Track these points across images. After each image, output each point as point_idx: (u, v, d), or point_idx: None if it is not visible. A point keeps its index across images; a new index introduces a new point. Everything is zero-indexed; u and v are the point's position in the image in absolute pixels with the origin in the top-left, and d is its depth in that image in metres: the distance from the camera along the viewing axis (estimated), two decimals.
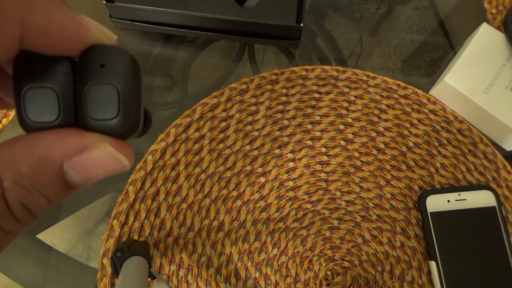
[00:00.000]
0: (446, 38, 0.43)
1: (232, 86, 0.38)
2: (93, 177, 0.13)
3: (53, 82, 0.13)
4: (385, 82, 0.39)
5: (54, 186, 0.13)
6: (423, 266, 0.34)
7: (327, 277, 0.34)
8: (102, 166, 0.13)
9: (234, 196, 0.35)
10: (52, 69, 0.13)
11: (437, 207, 0.34)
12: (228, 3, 0.37)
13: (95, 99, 0.13)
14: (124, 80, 0.13)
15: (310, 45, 0.42)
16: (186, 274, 0.33)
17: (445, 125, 0.38)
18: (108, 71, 0.13)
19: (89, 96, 0.13)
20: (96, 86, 0.13)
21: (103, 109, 0.13)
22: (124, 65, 0.13)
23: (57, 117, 0.13)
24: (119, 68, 0.13)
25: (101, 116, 0.13)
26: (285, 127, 0.37)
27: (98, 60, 0.13)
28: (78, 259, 0.35)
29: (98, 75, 0.13)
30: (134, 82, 0.13)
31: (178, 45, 0.41)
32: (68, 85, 0.13)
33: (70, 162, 0.12)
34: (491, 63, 0.37)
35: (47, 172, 0.12)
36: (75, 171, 0.13)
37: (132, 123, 0.13)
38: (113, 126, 0.13)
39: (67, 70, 0.13)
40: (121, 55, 0.13)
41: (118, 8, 0.37)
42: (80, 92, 0.13)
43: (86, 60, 0.13)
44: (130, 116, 0.13)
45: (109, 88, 0.13)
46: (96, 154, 0.13)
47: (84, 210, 0.37)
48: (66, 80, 0.13)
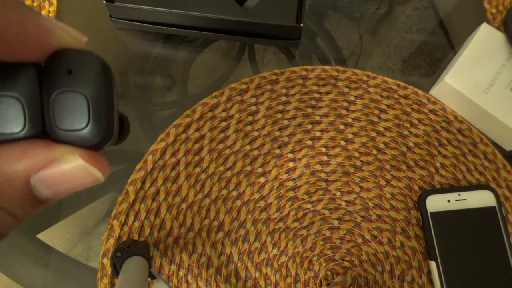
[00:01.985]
0: (446, 38, 0.43)
1: (232, 86, 0.38)
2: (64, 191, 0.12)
3: (17, 90, 0.12)
4: (385, 82, 0.39)
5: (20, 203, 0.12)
6: (423, 266, 0.34)
7: (327, 277, 0.34)
8: (72, 180, 0.12)
9: (234, 196, 0.35)
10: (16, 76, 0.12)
11: (437, 207, 0.34)
12: (228, 3, 0.37)
13: (63, 108, 0.12)
14: (93, 86, 0.12)
15: (310, 45, 0.42)
16: (186, 274, 0.33)
17: (445, 125, 0.38)
18: (76, 77, 0.12)
19: (57, 105, 0.12)
20: (63, 94, 0.12)
21: (72, 118, 0.12)
22: (93, 70, 0.12)
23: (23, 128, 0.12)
24: (88, 74, 0.12)
25: (70, 127, 0.12)
26: (285, 127, 0.37)
27: (65, 66, 0.12)
28: (78, 259, 0.35)
29: (65, 82, 0.12)
30: (105, 88, 0.12)
31: (178, 45, 0.41)
32: (34, 93, 0.12)
33: (37, 177, 0.11)
34: (491, 63, 0.37)
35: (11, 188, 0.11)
36: (43, 186, 0.12)
37: (105, 133, 0.12)
38: (83, 137, 0.12)
39: (33, 77, 0.12)
40: (90, 60, 0.12)
41: (118, 8, 0.37)
42: (47, 100, 0.12)
43: (52, 66, 0.12)
44: (102, 125, 0.12)
45: (78, 96, 0.12)
46: (66, 167, 0.12)
47: (84, 210, 0.37)
48: (31, 88, 0.12)
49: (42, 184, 0.12)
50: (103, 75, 0.12)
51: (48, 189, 0.12)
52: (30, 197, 0.12)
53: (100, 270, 0.33)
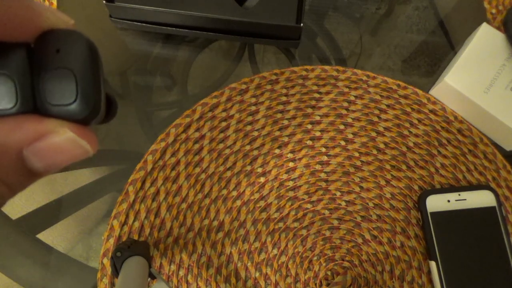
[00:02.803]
0: (446, 38, 0.43)
1: (232, 86, 0.38)
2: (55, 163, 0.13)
3: (9, 69, 0.12)
4: (385, 82, 0.39)
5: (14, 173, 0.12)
6: (423, 266, 0.34)
7: (327, 277, 0.34)
8: (63, 151, 0.13)
9: (234, 196, 0.35)
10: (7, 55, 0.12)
11: (437, 207, 0.34)
12: (228, 3, 0.37)
13: (53, 85, 0.13)
14: (80, 64, 0.13)
15: (310, 45, 0.42)
16: (186, 274, 0.33)
17: (445, 125, 0.38)
18: (64, 55, 0.13)
19: (46, 82, 0.13)
20: (52, 71, 0.13)
21: (61, 94, 0.13)
22: (80, 49, 0.13)
23: (15, 104, 0.12)
24: (75, 52, 0.13)
25: (59, 102, 0.13)
26: (285, 127, 0.37)
27: (53, 45, 0.13)
28: (78, 259, 0.35)
29: (54, 61, 0.13)
30: (91, 65, 0.13)
31: (178, 45, 0.41)
32: (24, 71, 0.13)
33: (30, 149, 0.12)
34: (491, 63, 0.37)
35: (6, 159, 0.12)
36: (35, 157, 0.12)
37: (92, 108, 0.13)
38: (72, 111, 0.13)
39: (23, 56, 0.13)
40: (77, 39, 0.13)
41: (118, 8, 0.37)
42: (37, 78, 0.13)
43: (41, 45, 0.13)
44: (89, 101, 0.13)
45: (66, 73, 0.13)
46: (56, 139, 0.13)
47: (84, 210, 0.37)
48: (22, 66, 0.13)
49: (35, 156, 0.12)
50: (90, 54, 0.13)
51: (40, 161, 0.12)
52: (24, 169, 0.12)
53: (100, 270, 0.33)
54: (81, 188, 0.37)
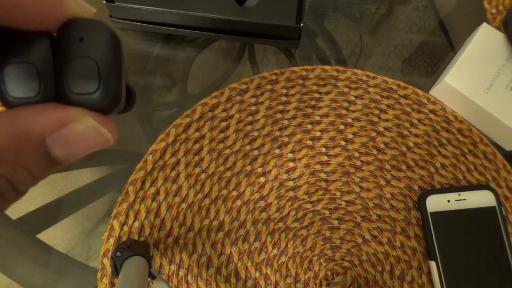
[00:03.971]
0: (446, 38, 0.43)
1: (232, 86, 0.38)
2: (77, 151, 0.13)
3: (32, 57, 0.12)
4: (385, 82, 0.39)
5: (37, 161, 0.12)
6: (423, 266, 0.34)
7: (327, 277, 0.34)
8: (85, 140, 0.13)
9: (234, 196, 0.35)
10: (31, 44, 0.13)
11: (437, 207, 0.34)
12: (228, 3, 0.37)
13: (75, 74, 0.13)
14: (103, 53, 0.13)
15: (310, 45, 0.42)
16: (186, 274, 0.33)
17: (445, 125, 0.38)
18: (87, 44, 0.13)
19: (69, 70, 0.13)
20: (75, 60, 0.13)
21: (83, 83, 0.13)
22: (104, 38, 0.13)
23: (38, 93, 0.13)
24: (98, 42, 0.13)
25: (81, 90, 0.13)
26: (285, 127, 0.37)
27: (77, 34, 0.13)
28: (78, 259, 0.35)
29: (77, 49, 0.13)
30: (114, 55, 0.13)
31: (178, 45, 0.41)
32: (47, 60, 0.13)
33: (52, 137, 0.12)
34: (491, 63, 0.37)
35: (29, 146, 0.12)
36: (57, 145, 0.12)
37: (114, 97, 0.13)
38: (94, 100, 0.13)
39: (46, 45, 0.13)
40: (100, 29, 0.13)
41: (118, 8, 0.37)
42: (60, 66, 0.13)
43: (65, 34, 0.13)
44: (111, 90, 0.13)
45: (89, 62, 0.13)
46: (78, 127, 0.13)
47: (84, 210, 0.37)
48: (45, 55, 0.13)
49: (57, 144, 0.12)
50: (113, 43, 0.13)
51: (62, 149, 0.13)
52: (46, 156, 0.13)
53: (100, 270, 0.33)
54: (81, 188, 0.37)
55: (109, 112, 0.14)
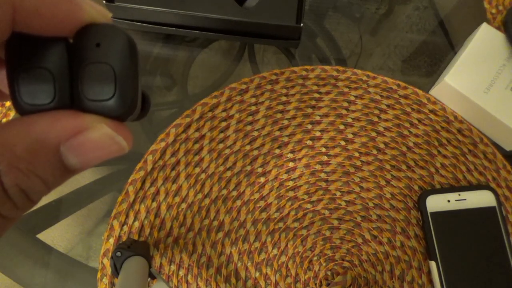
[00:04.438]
0: (446, 38, 0.43)
1: (232, 86, 0.38)
2: (91, 159, 0.13)
3: (48, 63, 0.12)
4: (385, 82, 0.39)
5: (51, 169, 0.12)
6: (423, 266, 0.34)
7: (327, 277, 0.34)
8: (99, 148, 0.13)
9: (234, 196, 0.35)
10: (47, 50, 0.12)
11: (437, 207, 0.34)
12: (228, 3, 0.37)
13: (91, 79, 0.12)
14: (120, 59, 0.13)
15: (310, 45, 0.42)
16: (186, 274, 0.33)
17: (445, 125, 0.38)
18: (104, 50, 0.13)
19: (85, 76, 0.12)
20: (92, 66, 0.12)
21: (99, 89, 0.12)
22: (121, 44, 0.13)
23: (53, 99, 0.12)
24: (115, 47, 0.13)
25: (97, 97, 0.12)
26: (285, 127, 0.37)
27: (94, 40, 0.13)
28: (78, 259, 0.35)
29: (94, 55, 0.12)
30: (131, 61, 0.13)
31: (178, 45, 0.41)
32: (63, 66, 0.12)
33: (67, 144, 0.12)
34: (491, 63, 0.37)
35: (44, 154, 0.12)
36: (72, 153, 0.12)
37: (130, 104, 0.13)
38: (110, 107, 0.13)
39: (62, 51, 0.13)
40: (117, 34, 0.13)
41: (118, 8, 0.37)
42: (76, 72, 0.13)
43: (81, 39, 0.13)
44: (127, 97, 0.13)
45: (105, 68, 0.12)
46: (93, 135, 0.12)
47: (84, 210, 0.37)
48: (61, 60, 0.12)
49: (71, 151, 0.12)
50: (130, 49, 0.13)
51: (77, 157, 0.12)
52: (60, 165, 0.12)
53: (100, 270, 0.33)
54: (81, 188, 0.37)
55: (125, 119, 0.13)
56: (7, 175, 0.11)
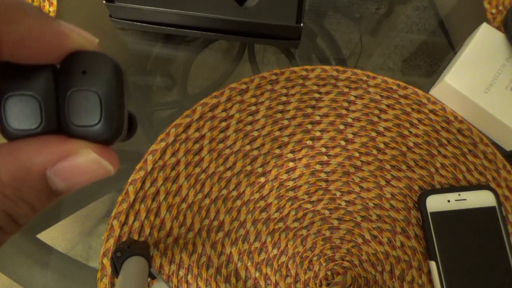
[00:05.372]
0: (446, 38, 0.43)
1: (232, 86, 0.38)
2: (77, 183, 0.13)
3: (34, 90, 0.12)
4: (385, 82, 0.39)
5: (37, 194, 0.12)
6: (423, 266, 0.34)
7: (327, 277, 0.34)
8: (86, 172, 0.13)
9: (234, 196, 0.35)
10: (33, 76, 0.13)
11: (437, 207, 0.34)
12: (228, 3, 0.37)
13: (77, 106, 0.13)
14: (106, 86, 0.13)
15: (310, 45, 0.42)
16: (186, 274, 0.33)
17: (445, 125, 0.38)
18: (90, 77, 0.13)
19: (71, 102, 0.13)
20: (78, 92, 0.13)
21: (85, 115, 0.13)
22: (106, 71, 0.13)
23: (40, 125, 0.13)
24: (101, 75, 0.13)
25: (83, 123, 0.13)
26: (285, 127, 0.37)
27: (80, 67, 0.13)
28: (78, 259, 0.35)
29: (79, 82, 0.13)
30: (116, 88, 0.13)
31: (178, 45, 0.41)
32: (50, 92, 0.13)
33: (53, 169, 0.12)
34: (491, 63, 0.37)
35: (30, 180, 0.12)
36: (58, 178, 0.13)
37: (115, 129, 0.13)
38: (96, 132, 0.13)
39: (49, 77, 0.13)
40: (103, 61, 0.13)
41: (118, 8, 0.37)
42: (62, 99, 0.13)
43: (68, 67, 0.13)
44: (113, 122, 0.13)
45: (91, 95, 0.13)
46: (80, 160, 0.13)
47: (84, 210, 0.37)
48: (48, 87, 0.13)
49: (58, 176, 0.13)
50: (115, 76, 0.13)
51: (63, 181, 0.13)
52: (47, 189, 0.13)
53: (100, 270, 0.33)
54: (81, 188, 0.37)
55: (111, 143, 0.14)
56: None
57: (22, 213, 0.12)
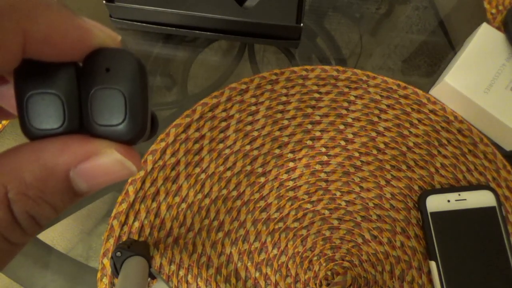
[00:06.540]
0: (446, 38, 0.43)
1: (232, 86, 0.38)
2: (100, 184, 0.13)
3: (57, 88, 0.12)
4: (385, 82, 0.39)
5: (60, 195, 0.12)
6: (423, 266, 0.34)
7: (327, 277, 0.34)
8: (109, 173, 0.13)
9: (234, 196, 0.35)
10: (56, 74, 0.12)
11: (437, 207, 0.34)
12: (228, 3, 0.37)
13: (101, 104, 0.12)
14: (130, 84, 0.13)
15: (310, 45, 0.42)
16: (186, 274, 0.33)
17: (445, 125, 0.38)
18: (114, 75, 0.13)
19: (95, 101, 0.12)
20: (101, 91, 0.12)
21: (109, 114, 0.12)
22: (130, 68, 0.13)
23: (62, 124, 0.12)
24: (125, 72, 0.13)
25: (107, 122, 0.12)
26: (285, 127, 0.37)
27: (103, 64, 0.13)
28: (78, 259, 0.35)
29: (103, 80, 0.12)
30: (140, 86, 0.13)
31: (178, 45, 0.41)
32: (72, 90, 0.12)
33: (76, 170, 0.12)
34: (491, 63, 0.37)
35: (53, 181, 0.12)
36: (82, 179, 0.12)
37: (140, 128, 0.13)
38: (120, 132, 0.13)
39: (72, 75, 0.12)
40: (127, 59, 0.13)
41: (118, 8, 0.37)
42: (86, 97, 0.12)
43: (91, 64, 0.13)
44: (138, 121, 0.13)
45: (115, 93, 0.12)
46: (103, 161, 0.12)
47: (84, 210, 0.37)
48: (70, 85, 0.12)
49: (81, 177, 0.12)
50: (139, 73, 0.13)
51: (86, 182, 0.12)
52: (69, 189, 0.12)
53: (100, 270, 0.33)
54: None
55: (135, 143, 0.13)
56: (17, 203, 0.11)
57: (44, 214, 0.12)
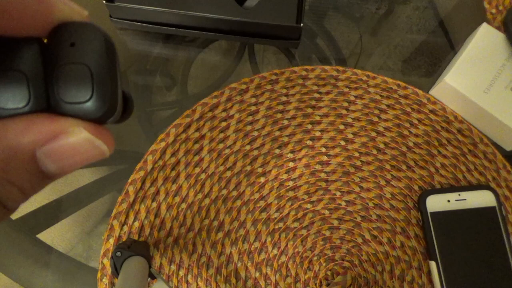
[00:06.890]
0: (446, 38, 0.43)
1: (232, 86, 0.38)
2: (70, 165, 0.12)
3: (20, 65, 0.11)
4: (385, 82, 0.39)
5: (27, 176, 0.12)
6: (423, 266, 0.34)
7: (327, 277, 0.34)
8: (78, 153, 0.12)
9: (234, 196, 0.35)
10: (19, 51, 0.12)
11: (437, 207, 0.34)
12: (228, 3, 0.37)
13: (67, 81, 0.12)
14: (96, 58, 0.12)
15: (310, 45, 0.42)
16: (186, 274, 0.33)
17: (445, 125, 0.38)
18: (79, 49, 0.12)
19: (61, 77, 0.12)
20: (67, 66, 0.12)
21: (76, 91, 0.12)
22: (96, 42, 0.12)
23: (28, 103, 0.12)
24: (91, 46, 0.12)
25: (74, 99, 0.12)
26: (285, 127, 0.37)
27: (68, 39, 0.12)
28: (78, 259, 0.35)
29: (68, 55, 0.12)
30: (108, 60, 0.12)
31: (178, 45, 0.41)
32: (37, 67, 0.12)
33: (43, 150, 0.11)
34: (491, 63, 0.37)
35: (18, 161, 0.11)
36: (49, 159, 0.12)
37: (109, 106, 0.12)
38: (87, 109, 0.12)
39: (35, 51, 0.12)
40: (93, 32, 0.12)
41: (118, 8, 0.37)
42: (51, 74, 0.12)
43: (55, 39, 0.12)
44: (106, 98, 0.12)
45: (81, 68, 0.12)
46: (71, 140, 0.12)
47: (84, 210, 0.37)
48: (34, 62, 0.12)
49: (48, 157, 0.12)
50: (106, 48, 0.12)
51: (54, 163, 0.12)
52: (37, 171, 0.12)
53: (100, 270, 0.33)
54: (81, 188, 0.37)
55: (104, 121, 0.13)
56: None
57: (10, 197, 0.11)
